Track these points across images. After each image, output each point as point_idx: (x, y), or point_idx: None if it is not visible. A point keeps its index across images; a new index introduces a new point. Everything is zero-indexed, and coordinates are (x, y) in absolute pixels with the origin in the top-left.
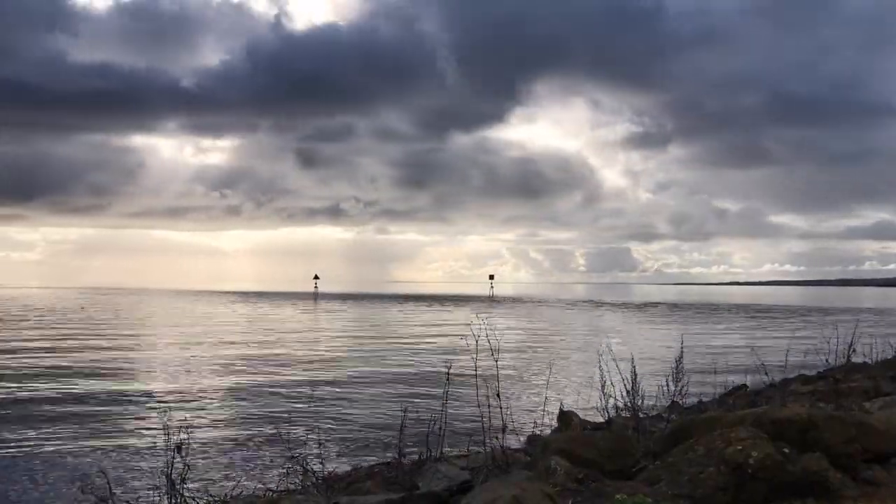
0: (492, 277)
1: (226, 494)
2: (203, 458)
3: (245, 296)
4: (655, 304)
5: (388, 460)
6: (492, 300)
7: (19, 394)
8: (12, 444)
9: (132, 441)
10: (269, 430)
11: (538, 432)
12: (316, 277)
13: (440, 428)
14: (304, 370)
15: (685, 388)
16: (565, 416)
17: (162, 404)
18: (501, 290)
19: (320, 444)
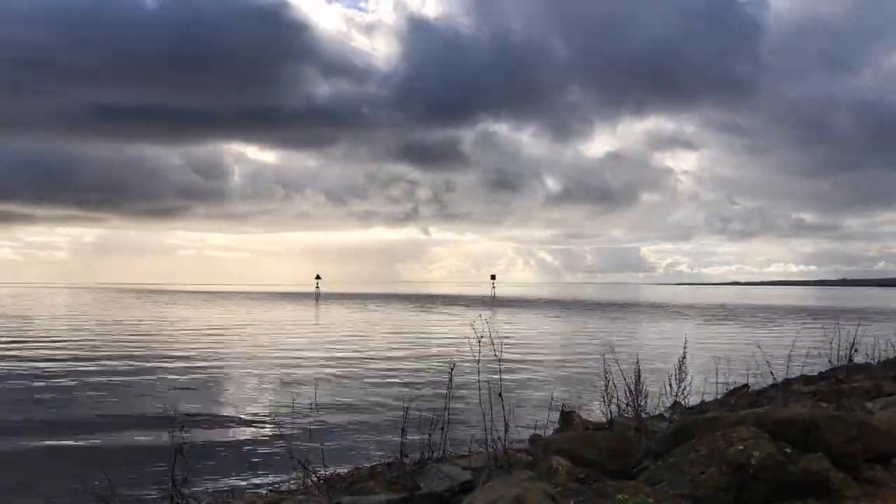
0: (493, 277)
1: (228, 494)
2: (205, 459)
3: (272, 297)
4: (656, 305)
5: (390, 460)
6: (493, 300)
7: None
8: (12, 442)
9: (134, 440)
10: (271, 430)
11: (540, 432)
12: (318, 277)
13: (442, 428)
14: (305, 370)
15: (687, 388)
16: (567, 416)
17: (165, 404)
18: (507, 290)
19: (322, 443)
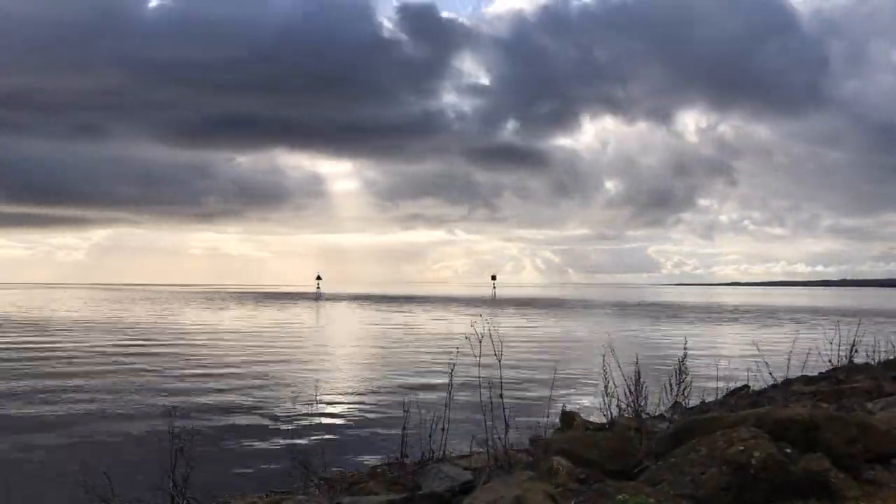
0: (494, 278)
1: (228, 495)
2: (205, 459)
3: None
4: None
5: (391, 460)
6: (494, 300)
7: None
8: (13, 442)
9: (135, 441)
10: (272, 430)
11: (540, 433)
12: (318, 278)
13: (443, 428)
14: (304, 369)
15: (688, 389)
16: (567, 417)
17: (166, 405)
18: (511, 291)
19: (322, 443)
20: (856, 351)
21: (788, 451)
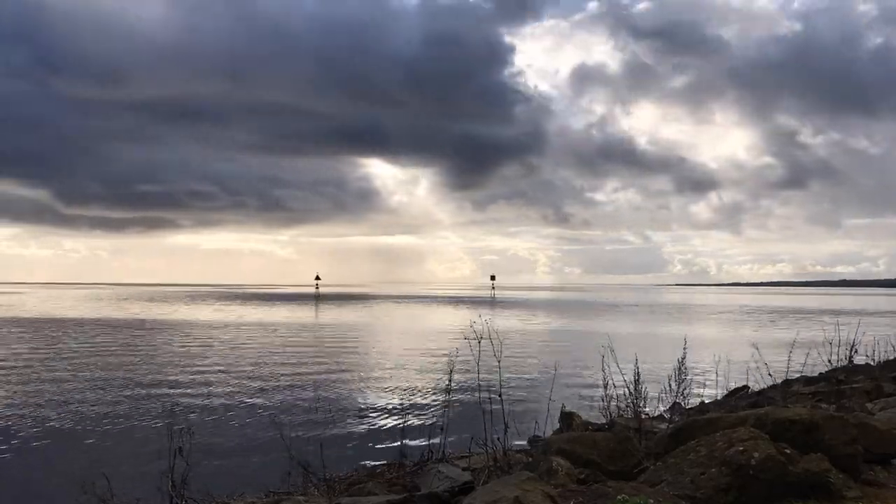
0: (493, 279)
1: (227, 496)
2: (204, 460)
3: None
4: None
5: (390, 461)
6: (494, 301)
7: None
8: (14, 443)
9: (134, 441)
10: (271, 431)
11: (539, 433)
12: (317, 278)
13: (441, 428)
14: (305, 371)
15: (687, 389)
16: (567, 417)
17: (165, 405)
18: (513, 292)
19: (321, 444)
20: (855, 351)
21: (788, 451)
